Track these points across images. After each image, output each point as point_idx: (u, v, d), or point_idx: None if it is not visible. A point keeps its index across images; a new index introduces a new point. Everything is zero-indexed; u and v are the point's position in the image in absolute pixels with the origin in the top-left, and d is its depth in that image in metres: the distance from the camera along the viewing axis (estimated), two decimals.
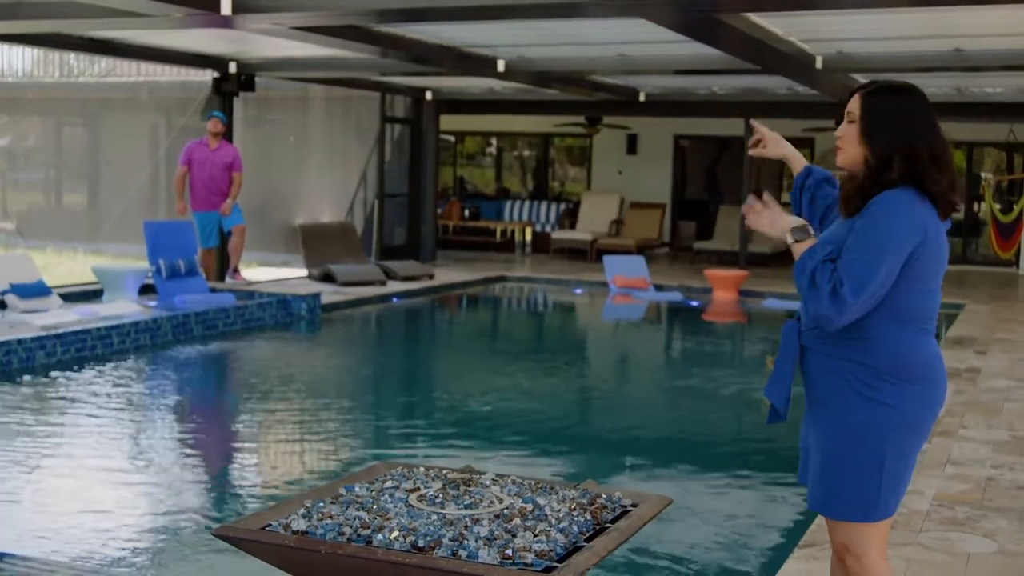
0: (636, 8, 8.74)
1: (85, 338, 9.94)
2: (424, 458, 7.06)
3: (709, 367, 11.08)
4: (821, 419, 3.31)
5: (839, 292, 3.11)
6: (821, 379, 3.31)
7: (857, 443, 3.23)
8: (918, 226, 3.16)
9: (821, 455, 3.31)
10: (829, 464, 3.28)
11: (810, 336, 3.32)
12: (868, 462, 3.23)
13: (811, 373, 3.34)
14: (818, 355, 3.31)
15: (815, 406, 3.34)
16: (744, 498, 6.56)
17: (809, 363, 3.34)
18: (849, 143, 3.34)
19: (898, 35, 10.74)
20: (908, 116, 3.27)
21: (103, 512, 5.89)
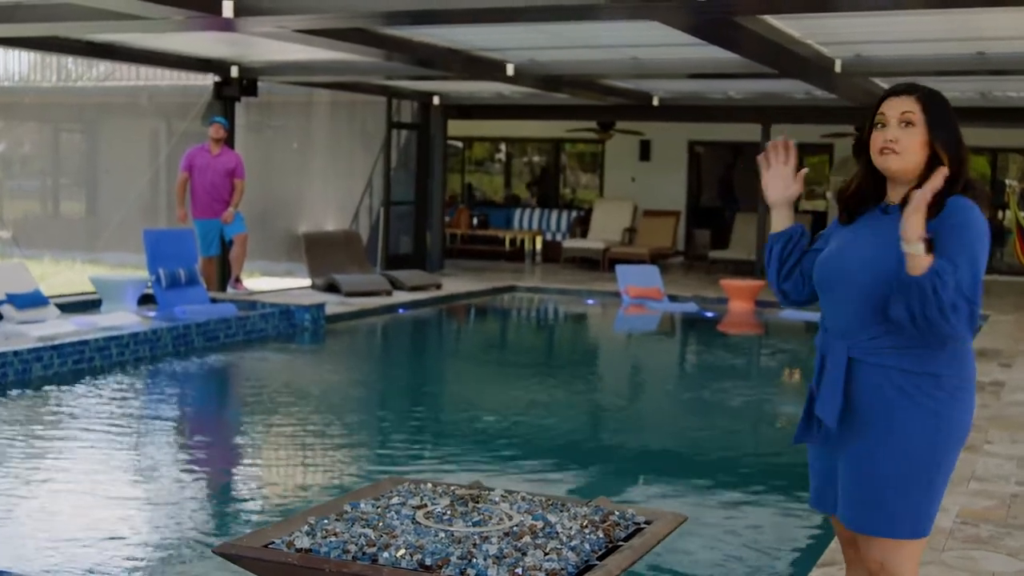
0: (649, 10, 8.75)
1: (83, 350, 9.96)
2: (431, 474, 7.06)
3: (724, 380, 11.06)
4: (870, 433, 3.25)
5: (974, 311, 3.09)
6: (874, 392, 3.25)
7: (915, 456, 3.21)
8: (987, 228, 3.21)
9: (870, 471, 3.25)
10: (880, 480, 3.24)
11: (865, 348, 3.26)
12: (921, 475, 3.21)
13: (861, 386, 3.27)
14: (873, 367, 3.25)
15: (861, 421, 3.28)
16: (761, 515, 6.55)
17: (860, 375, 3.28)
18: (910, 148, 3.27)
19: (919, 38, 10.74)
20: (954, 117, 3.31)
21: (102, 529, 5.89)
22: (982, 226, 3.18)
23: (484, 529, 3.36)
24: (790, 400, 10.17)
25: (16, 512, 6.17)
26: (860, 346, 3.27)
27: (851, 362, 3.29)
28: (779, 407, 9.85)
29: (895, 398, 3.22)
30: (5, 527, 5.90)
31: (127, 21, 9.91)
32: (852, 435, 3.30)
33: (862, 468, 3.27)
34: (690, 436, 8.77)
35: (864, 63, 12.31)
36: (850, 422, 3.31)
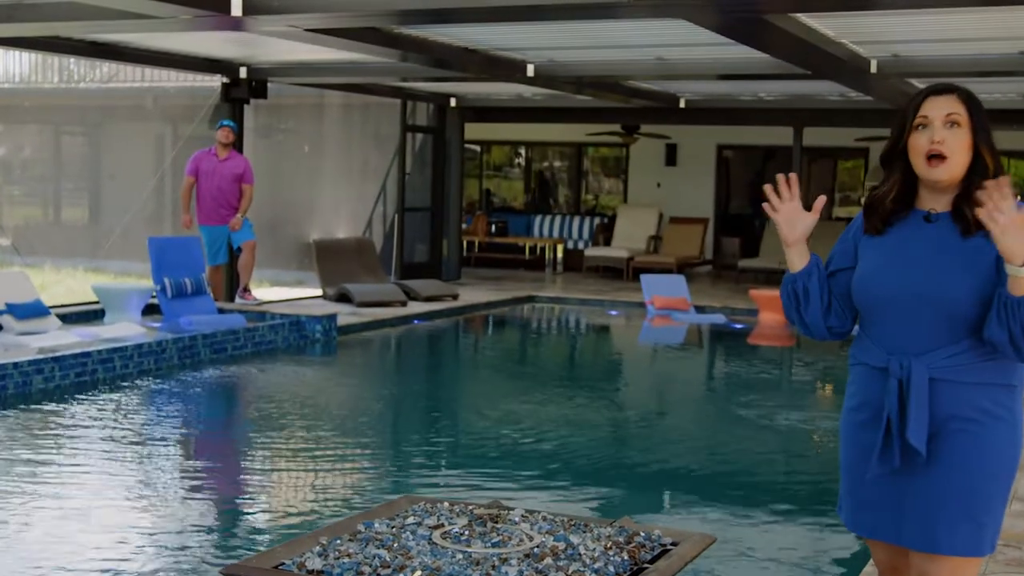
0: (674, 8, 8.76)
1: (85, 362, 9.99)
2: (448, 492, 7.06)
3: (754, 395, 11.04)
4: (952, 452, 3.24)
5: None
6: (957, 409, 3.23)
7: (1002, 471, 3.24)
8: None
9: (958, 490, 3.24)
10: (970, 498, 3.23)
11: (943, 366, 3.24)
12: (1001, 488, 3.25)
13: (944, 404, 3.25)
14: (952, 384, 3.23)
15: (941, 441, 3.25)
16: (793, 537, 6.54)
17: (942, 394, 3.25)
18: (958, 150, 3.25)
19: (959, 36, 10.71)
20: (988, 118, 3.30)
21: (105, 548, 5.91)
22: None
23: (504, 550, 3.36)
24: (823, 415, 10.14)
25: (15, 532, 6.19)
26: (938, 364, 3.24)
27: (933, 382, 3.25)
28: (812, 423, 9.82)
29: (977, 414, 3.22)
30: (4, 548, 5.92)
31: (132, 20, 9.96)
32: (935, 455, 3.27)
33: (951, 488, 3.25)
34: (719, 453, 8.75)
35: (901, 63, 12.29)
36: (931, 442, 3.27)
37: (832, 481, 7.58)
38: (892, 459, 3.32)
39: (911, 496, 3.31)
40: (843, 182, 24.02)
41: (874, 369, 3.35)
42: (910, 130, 3.32)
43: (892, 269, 3.31)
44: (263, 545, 5.97)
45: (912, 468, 3.29)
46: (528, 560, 3.31)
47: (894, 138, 3.39)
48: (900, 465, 3.31)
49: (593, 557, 3.36)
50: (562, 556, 3.35)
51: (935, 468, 3.26)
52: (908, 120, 3.33)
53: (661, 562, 3.42)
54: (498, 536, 3.49)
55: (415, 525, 3.60)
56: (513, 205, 25.11)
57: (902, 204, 3.37)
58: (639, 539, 3.56)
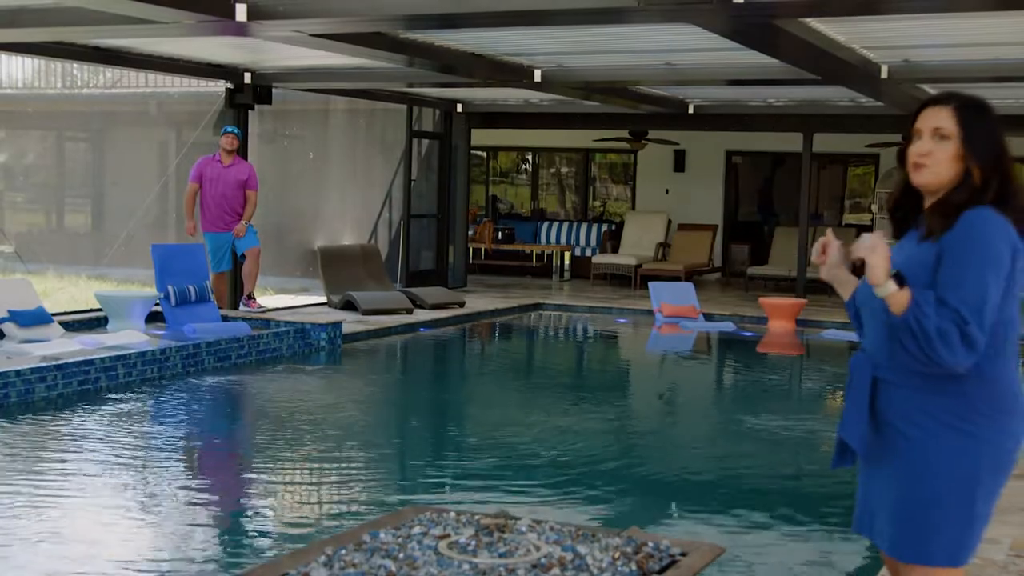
0: (684, 13, 8.76)
1: (88, 370, 10.01)
2: (455, 502, 7.06)
3: (764, 404, 11.04)
4: (902, 457, 3.30)
5: (968, 332, 3.11)
6: (905, 415, 3.30)
7: (949, 480, 3.24)
8: (1012, 243, 3.21)
9: (904, 496, 3.30)
10: (915, 505, 3.28)
11: (891, 369, 3.32)
12: (960, 501, 3.24)
13: (892, 409, 3.33)
14: (902, 389, 3.30)
15: (896, 444, 3.32)
16: (803, 548, 6.53)
17: (889, 399, 3.33)
18: (942, 161, 3.31)
19: (972, 42, 10.71)
20: (1000, 135, 3.33)
21: (108, 559, 5.91)
22: (991, 238, 3.18)
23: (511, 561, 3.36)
24: (833, 425, 10.13)
25: (18, 541, 6.19)
26: (886, 366, 3.33)
27: (879, 382, 3.35)
28: (822, 432, 9.81)
29: (928, 420, 3.27)
30: (6, 557, 5.93)
31: (136, 25, 9.97)
32: (887, 458, 3.35)
33: (898, 492, 3.32)
34: (728, 462, 8.74)
35: (912, 69, 12.28)
36: (885, 444, 3.36)
37: (842, 491, 7.58)
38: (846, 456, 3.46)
39: (878, 496, 3.40)
40: (853, 188, 24.01)
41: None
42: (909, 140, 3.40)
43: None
44: (268, 555, 5.97)
45: (879, 467, 3.37)
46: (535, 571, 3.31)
47: (901, 144, 3.48)
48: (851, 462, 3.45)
49: (601, 567, 3.36)
50: (569, 566, 3.35)
51: (893, 470, 3.33)
52: (909, 127, 3.41)
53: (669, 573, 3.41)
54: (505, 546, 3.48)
55: (421, 535, 3.60)
56: (520, 212, 25.12)
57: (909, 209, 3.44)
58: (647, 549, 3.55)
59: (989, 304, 3.14)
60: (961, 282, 3.14)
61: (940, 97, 3.39)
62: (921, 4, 8.42)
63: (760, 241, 22.22)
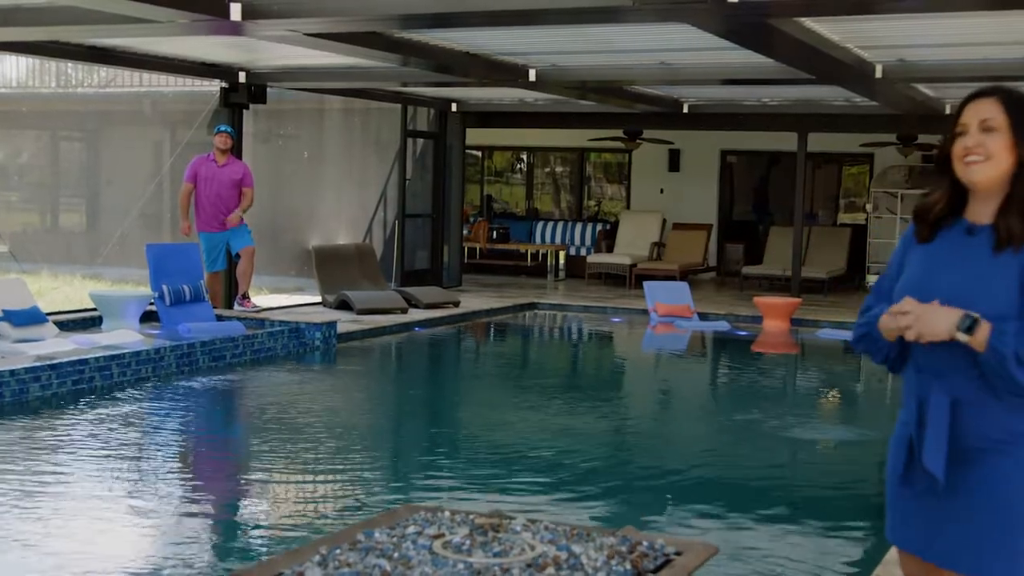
0: (678, 12, 8.77)
1: (83, 369, 10.00)
2: (449, 501, 7.06)
3: (758, 403, 11.04)
4: (982, 473, 3.19)
5: None
6: (989, 431, 3.18)
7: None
8: None
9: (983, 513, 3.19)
10: (999, 521, 3.17)
11: (967, 388, 3.18)
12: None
13: (972, 427, 3.20)
14: (981, 407, 3.18)
15: (976, 461, 3.20)
16: (797, 547, 6.53)
17: (970, 416, 3.20)
18: (996, 153, 3.19)
19: (966, 41, 10.72)
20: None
21: (103, 560, 5.91)
22: None
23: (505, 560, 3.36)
24: (828, 424, 10.15)
25: (12, 543, 6.19)
26: (961, 385, 3.19)
27: (957, 403, 3.20)
28: (817, 432, 9.82)
29: (1009, 436, 3.17)
30: (2, 555, 5.92)
31: (130, 25, 9.97)
32: (967, 477, 3.22)
33: (985, 511, 3.20)
34: (722, 462, 8.75)
35: (907, 68, 12.30)
36: (962, 464, 3.23)
37: (836, 491, 7.59)
38: (914, 481, 3.29)
39: (947, 515, 3.26)
40: (848, 188, 24.05)
41: (910, 386, 3.33)
42: (953, 138, 3.26)
43: (924, 282, 3.27)
44: (262, 555, 5.97)
45: (951, 488, 3.23)
46: (530, 570, 3.31)
47: (943, 145, 3.33)
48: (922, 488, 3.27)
49: (595, 567, 3.36)
50: (564, 566, 3.35)
51: (969, 491, 3.20)
52: (951, 128, 3.28)
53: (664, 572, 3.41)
54: (500, 546, 3.48)
55: (416, 535, 3.60)
56: (515, 211, 25.12)
57: (950, 212, 3.31)
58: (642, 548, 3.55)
59: None
60: None
61: (984, 90, 3.26)
62: (915, 4, 8.44)
63: (755, 240, 22.23)
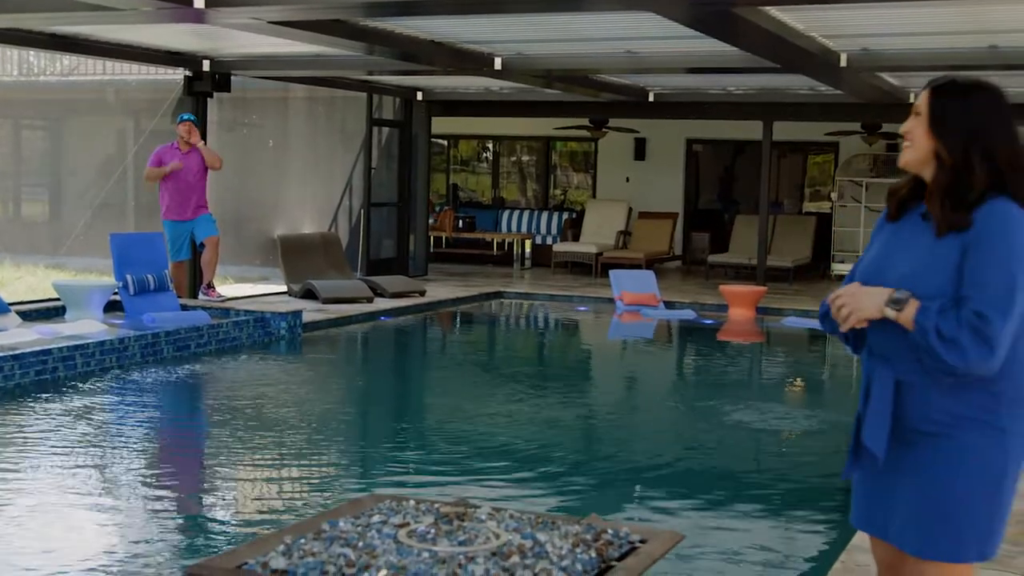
0: (644, 1, 8.77)
1: (46, 359, 9.94)
2: (414, 490, 7.06)
3: (724, 392, 11.08)
4: (930, 456, 3.25)
5: (981, 330, 3.06)
6: (931, 413, 3.24)
7: (979, 477, 3.20)
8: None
9: (933, 494, 3.25)
10: (945, 503, 3.23)
11: (914, 368, 3.24)
12: (990, 496, 3.21)
13: (915, 408, 3.26)
14: (924, 388, 3.24)
15: (919, 443, 3.27)
16: (761, 535, 6.56)
17: (913, 398, 3.27)
18: (917, 137, 3.30)
19: (928, 31, 10.77)
20: (982, 113, 3.26)
21: (66, 552, 5.88)
22: (1015, 235, 3.14)
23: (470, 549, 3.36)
24: (793, 413, 10.20)
25: None
26: (908, 367, 3.25)
27: (901, 386, 3.27)
28: (782, 420, 9.86)
29: (954, 419, 3.21)
30: None
31: (93, 12, 9.91)
32: (913, 458, 3.29)
33: (927, 491, 3.26)
34: (688, 450, 8.78)
35: (871, 57, 12.35)
36: (909, 445, 3.29)
37: (801, 479, 7.63)
38: (862, 461, 3.38)
39: (898, 495, 3.33)
40: (813, 176, 24.12)
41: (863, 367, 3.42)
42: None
43: (881, 262, 3.36)
44: (226, 545, 5.95)
45: (902, 467, 3.30)
46: (495, 558, 3.31)
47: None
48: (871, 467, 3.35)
49: (560, 555, 3.36)
50: (529, 554, 3.35)
51: (916, 473, 3.27)
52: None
53: (629, 559, 3.42)
54: (464, 534, 3.48)
55: (380, 524, 3.59)
56: (480, 200, 25.10)
57: (913, 197, 3.39)
58: (607, 536, 3.56)
59: (1017, 302, 3.09)
60: (985, 281, 3.10)
61: (933, 79, 3.37)
62: None
63: (721, 229, 22.28)
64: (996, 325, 3.06)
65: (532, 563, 3.29)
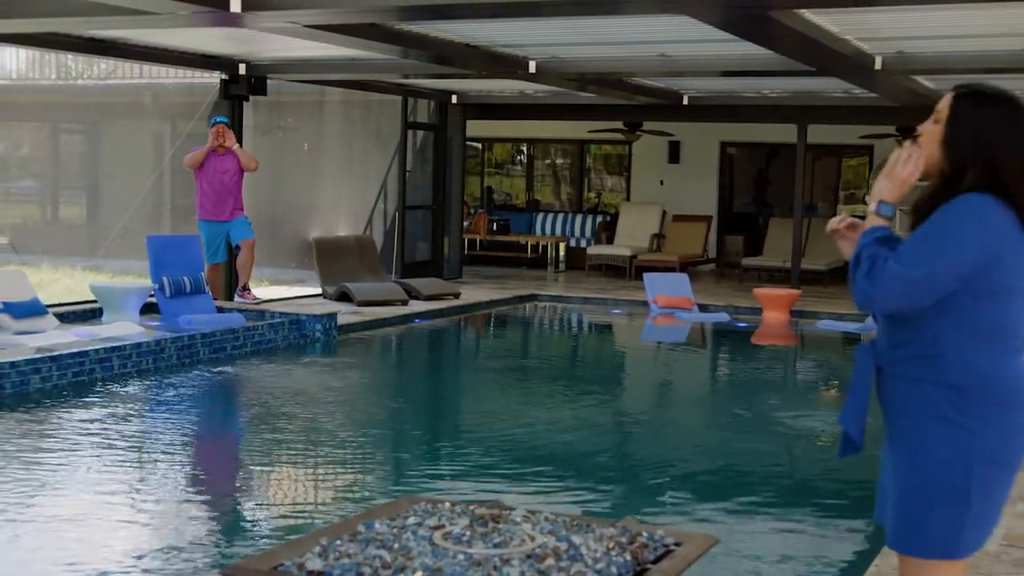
0: (678, 4, 8.77)
1: (83, 361, 10.00)
2: (450, 493, 7.06)
3: (759, 395, 11.05)
4: (901, 448, 3.31)
5: (879, 263, 3.18)
6: (900, 404, 3.32)
7: (941, 472, 3.23)
8: (989, 229, 3.18)
9: (901, 487, 3.31)
10: (910, 496, 3.28)
11: (888, 356, 3.34)
12: (953, 494, 3.23)
13: (889, 398, 3.35)
14: (897, 378, 3.32)
15: (894, 434, 3.34)
16: (796, 539, 6.54)
17: (887, 387, 3.35)
18: (930, 143, 3.35)
19: (965, 33, 10.71)
20: (994, 126, 3.27)
21: (103, 548, 5.92)
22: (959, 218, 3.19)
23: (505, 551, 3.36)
24: (828, 416, 10.16)
25: (12, 534, 6.19)
26: (885, 356, 3.35)
27: (881, 372, 3.36)
28: (817, 423, 9.82)
29: (923, 411, 3.26)
30: (3, 546, 5.93)
31: (130, 16, 9.95)
32: (893, 449, 3.37)
33: (901, 482, 3.32)
34: (723, 454, 8.75)
35: (906, 60, 12.28)
36: (890, 435, 3.38)
37: (837, 481, 7.59)
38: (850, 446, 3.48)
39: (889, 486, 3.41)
40: (848, 180, 24.02)
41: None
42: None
43: None
44: (263, 546, 5.97)
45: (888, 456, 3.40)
46: (530, 561, 3.31)
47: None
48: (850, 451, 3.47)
49: (595, 558, 3.36)
50: (564, 557, 3.35)
51: (896, 461, 3.35)
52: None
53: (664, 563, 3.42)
54: (500, 537, 3.49)
55: (416, 526, 3.60)
56: (515, 203, 25.11)
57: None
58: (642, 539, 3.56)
59: (927, 269, 3.15)
60: (912, 237, 3.23)
61: (959, 85, 3.40)
62: None
63: (755, 232, 22.21)
64: (889, 267, 3.17)
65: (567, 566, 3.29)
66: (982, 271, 3.18)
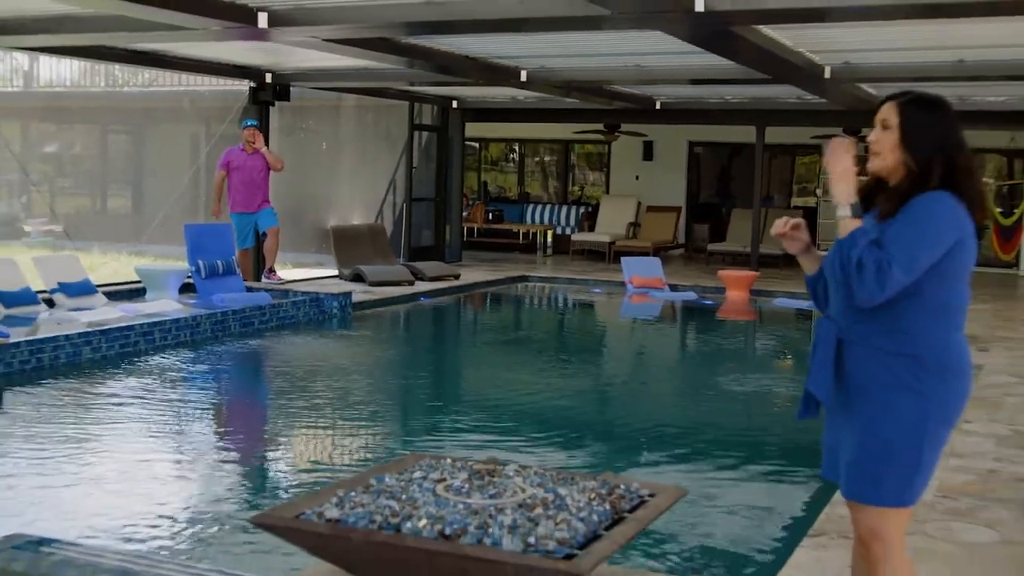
0: (652, 21, 8.73)
1: (129, 334, 9.98)
2: (451, 450, 7.06)
3: (723, 363, 11.05)
4: (861, 409, 3.32)
5: (886, 271, 3.15)
6: (863, 371, 3.32)
7: (900, 431, 3.26)
8: (958, 222, 3.23)
9: (860, 444, 3.32)
10: (870, 452, 3.30)
11: (851, 330, 3.34)
12: (909, 449, 3.26)
13: (852, 366, 3.35)
14: (861, 347, 3.32)
15: (855, 399, 3.34)
16: (755, 490, 6.54)
17: (850, 356, 3.35)
18: (886, 149, 3.35)
19: (903, 46, 10.69)
20: (945, 128, 3.32)
21: (147, 501, 5.91)
22: (933, 212, 3.21)
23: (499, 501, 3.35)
24: (784, 382, 10.16)
25: (64, 485, 6.18)
26: (847, 328, 3.35)
27: (843, 344, 3.36)
28: (773, 388, 9.83)
29: (885, 378, 3.28)
30: (57, 499, 5.92)
31: (168, 32, 9.92)
32: (850, 411, 3.36)
33: (856, 441, 3.34)
34: (691, 415, 8.76)
35: (852, 70, 12.26)
36: (847, 399, 3.37)
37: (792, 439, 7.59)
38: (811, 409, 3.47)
39: (842, 444, 3.41)
40: (800, 175, 23.99)
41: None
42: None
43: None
44: (286, 497, 5.97)
45: (843, 419, 3.39)
46: (521, 510, 3.30)
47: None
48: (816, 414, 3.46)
49: (579, 507, 3.35)
50: (551, 506, 3.35)
51: (854, 422, 3.35)
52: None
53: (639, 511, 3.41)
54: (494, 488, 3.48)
55: (421, 479, 3.59)
56: (508, 195, 25.06)
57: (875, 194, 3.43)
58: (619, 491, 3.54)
59: (917, 259, 3.17)
60: (899, 237, 3.18)
61: (893, 94, 3.42)
62: (858, 13, 8.38)
63: (719, 221, 22.17)
64: (894, 272, 3.15)
65: (554, 514, 3.28)
66: (947, 256, 3.22)
